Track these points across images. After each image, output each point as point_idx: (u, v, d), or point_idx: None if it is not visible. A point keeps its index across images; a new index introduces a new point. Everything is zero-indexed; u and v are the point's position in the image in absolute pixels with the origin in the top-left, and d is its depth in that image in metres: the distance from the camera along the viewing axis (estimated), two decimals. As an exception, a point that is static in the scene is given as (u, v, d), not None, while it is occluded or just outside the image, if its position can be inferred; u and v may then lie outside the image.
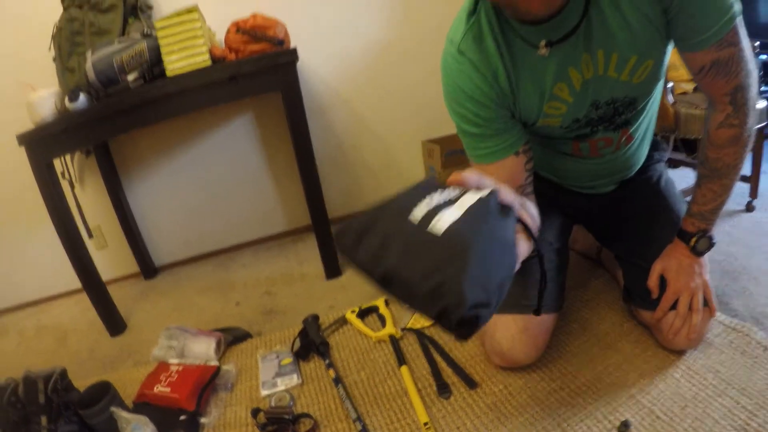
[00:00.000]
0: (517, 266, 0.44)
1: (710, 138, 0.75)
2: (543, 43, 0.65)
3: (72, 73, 1.53)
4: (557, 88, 0.71)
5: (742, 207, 1.61)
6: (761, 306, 1.04)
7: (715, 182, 0.77)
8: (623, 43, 0.65)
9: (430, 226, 0.37)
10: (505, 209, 0.44)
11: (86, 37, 1.53)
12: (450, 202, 0.41)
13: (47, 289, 1.93)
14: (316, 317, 1.17)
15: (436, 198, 0.41)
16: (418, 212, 0.39)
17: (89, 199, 1.79)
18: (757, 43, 2.58)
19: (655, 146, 1.01)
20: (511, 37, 0.68)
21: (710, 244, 0.83)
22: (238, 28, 1.36)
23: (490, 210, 0.40)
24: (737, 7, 0.63)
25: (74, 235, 1.37)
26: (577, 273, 1.22)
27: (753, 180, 1.61)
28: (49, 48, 1.56)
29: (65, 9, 1.55)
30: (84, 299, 1.69)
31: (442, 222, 0.37)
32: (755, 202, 1.61)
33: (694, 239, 0.81)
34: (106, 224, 1.86)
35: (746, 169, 1.67)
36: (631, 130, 0.83)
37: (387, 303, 1.16)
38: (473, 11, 0.69)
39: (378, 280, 0.38)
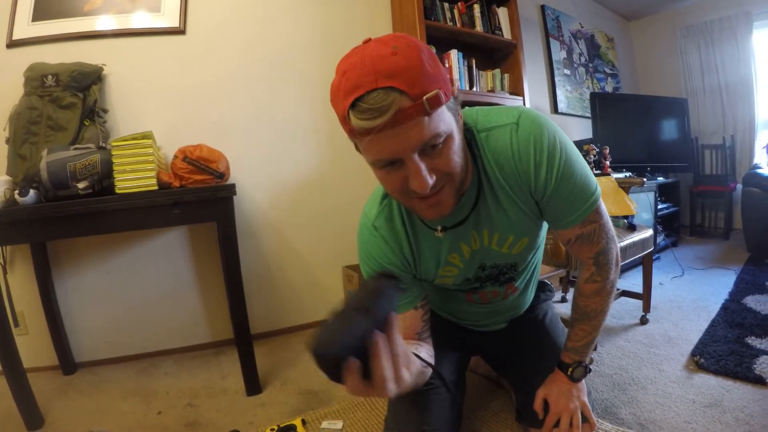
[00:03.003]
0: None
1: (579, 290, 0.92)
2: (439, 228, 0.80)
3: (23, 160, 1.55)
4: (450, 257, 0.86)
5: (637, 321, 1.82)
6: (647, 412, 1.16)
7: (585, 324, 0.92)
8: (502, 226, 0.82)
9: None
10: None
11: (42, 128, 1.57)
12: None
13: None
14: (237, 432, 1.18)
15: None
16: None
17: (16, 283, 1.73)
18: (648, 168, 3.08)
19: (542, 287, 1.17)
20: (415, 220, 0.84)
21: (585, 372, 0.95)
22: (185, 156, 1.49)
23: None
24: (597, 191, 0.80)
25: (3, 320, 1.31)
26: (479, 394, 1.30)
27: (645, 296, 1.84)
28: (4, 128, 1.58)
29: (27, 95, 1.59)
30: (-3, 385, 1.57)
31: None
32: (648, 315, 1.83)
33: (570, 369, 0.93)
34: (29, 311, 1.77)
35: (638, 287, 1.92)
36: (515, 284, 0.99)
37: (304, 422, 1.19)
38: (386, 195, 0.83)
39: None
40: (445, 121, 0.62)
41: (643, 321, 1.81)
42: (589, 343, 0.93)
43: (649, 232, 1.76)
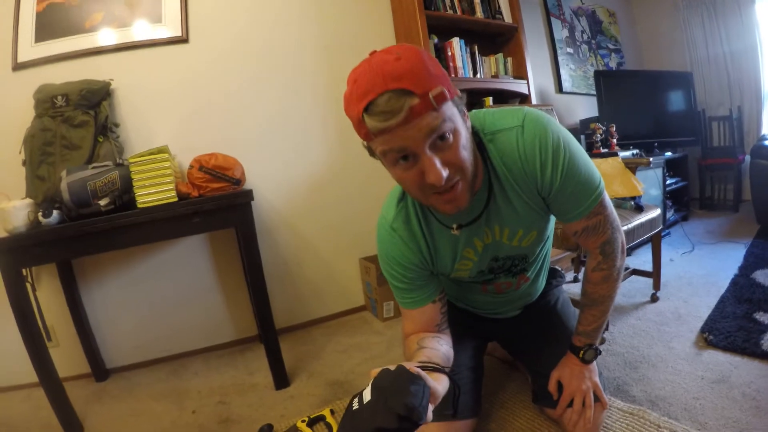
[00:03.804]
0: None
1: (587, 277, 0.96)
2: (455, 226, 0.85)
3: (41, 181, 1.59)
4: (465, 251, 0.91)
5: (648, 299, 1.84)
6: (657, 390, 1.20)
7: (594, 309, 0.96)
8: (512, 222, 0.87)
9: None
10: None
11: (57, 148, 1.61)
12: None
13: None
14: (270, 426, 1.24)
15: None
16: None
17: (44, 297, 1.79)
18: (656, 144, 3.06)
19: (553, 274, 1.22)
20: (431, 219, 0.89)
21: (596, 354, 1.00)
22: (201, 165, 1.53)
23: None
24: (601, 185, 0.84)
25: (37, 335, 1.37)
26: (496, 377, 1.36)
27: (655, 275, 1.86)
28: (20, 151, 1.61)
29: (38, 116, 1.62)
30: (33, 396, 1.65)
31: None
32: (659, 293, 1.85)
33: (582, 352, 0.98)
34: (59, 324, 1.85)
35: (648, 265, 1.94)
36: (527, 274, 1.04)
37: (332, 412, 1.26)
38: (402, 198, 0.89)
39: None
40: (452, 116, 0.67)
41: (654, 299, 1.83)
42: (598, 326, 0.98)
43: (657, 212, 1.77)
